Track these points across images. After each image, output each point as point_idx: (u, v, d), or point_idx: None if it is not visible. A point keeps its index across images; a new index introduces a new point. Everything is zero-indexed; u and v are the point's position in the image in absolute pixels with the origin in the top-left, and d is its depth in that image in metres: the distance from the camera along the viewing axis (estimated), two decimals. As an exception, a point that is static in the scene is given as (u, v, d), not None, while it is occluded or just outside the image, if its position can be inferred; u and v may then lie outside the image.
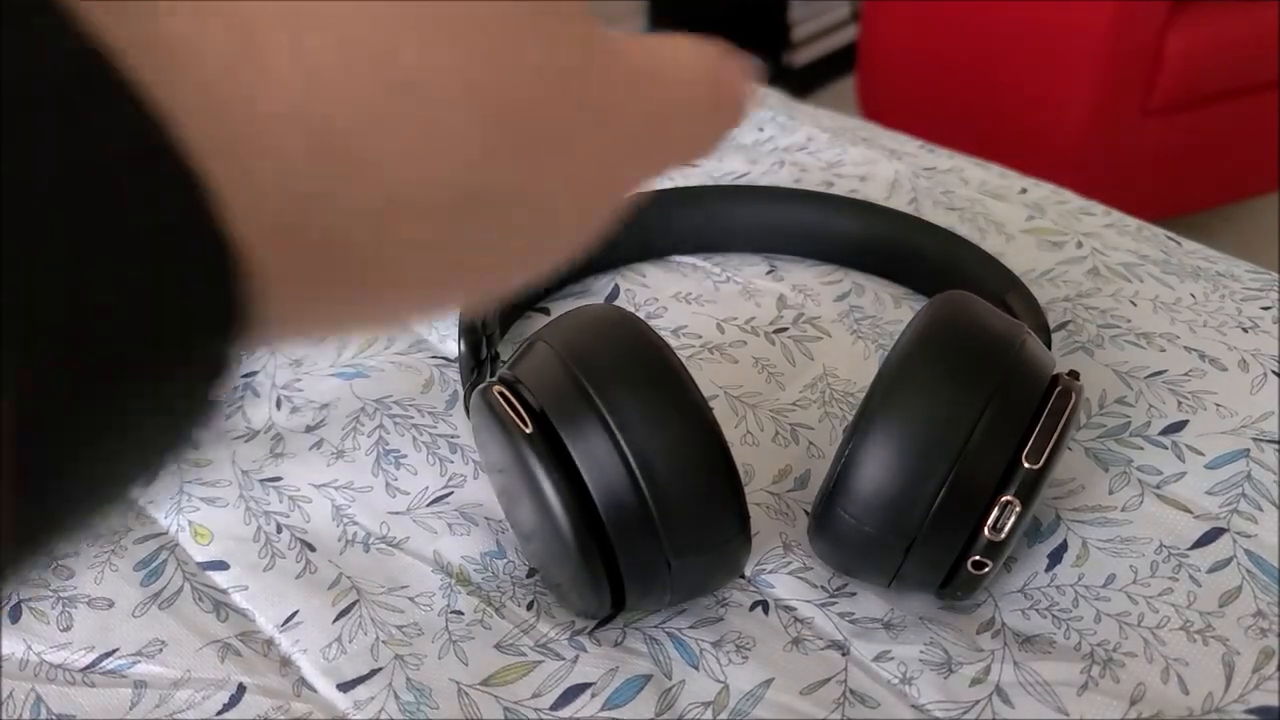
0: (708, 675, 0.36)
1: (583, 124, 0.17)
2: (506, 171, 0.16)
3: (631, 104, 0.18)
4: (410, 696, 0.36)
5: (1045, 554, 0.39)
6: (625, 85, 0.18)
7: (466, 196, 0.15)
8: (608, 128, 0.18)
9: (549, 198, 0.17)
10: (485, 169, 0.16)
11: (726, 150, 0.64)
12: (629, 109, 0.18)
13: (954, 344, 0.35)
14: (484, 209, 0.16)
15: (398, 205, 0.14)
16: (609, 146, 0.18)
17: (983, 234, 0.55)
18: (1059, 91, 1.48)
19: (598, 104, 0.17)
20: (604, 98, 0.17)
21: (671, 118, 0.19)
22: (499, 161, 0.16)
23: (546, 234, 0.18)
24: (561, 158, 0.17)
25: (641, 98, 0.19)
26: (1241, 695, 0.34)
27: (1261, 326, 0.48)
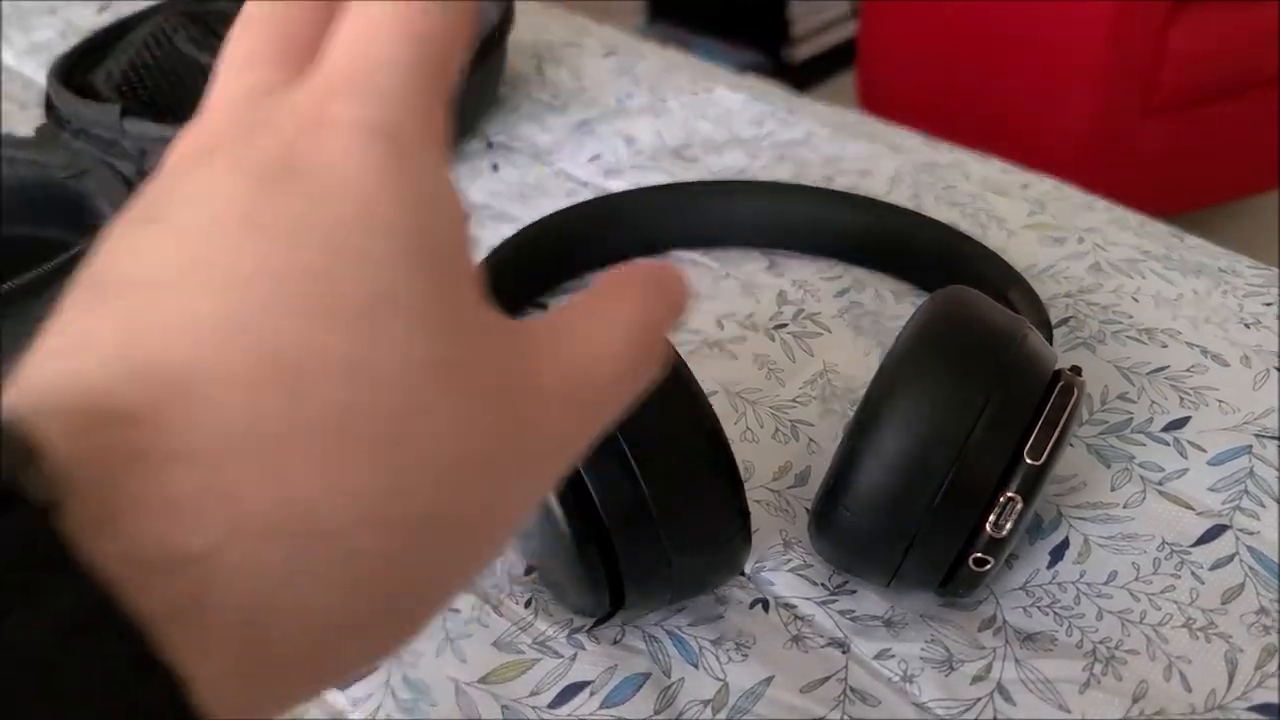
0: (707, 673, 0.36)
1: (483, 427, 0.18)
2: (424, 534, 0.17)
3: (534, 400, 0.19)
4: (408, 694, 0.36)
5: (1047, 551, 0.39)
6: (523, 379, 0.19)
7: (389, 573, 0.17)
8: (511, 425, 0.18)
9: (470, 522, 0.18)
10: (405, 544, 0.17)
11: (726, 145, 0.64)
12: (530, 403, 0.19)
13: (955, 340, 0.35)
14: (408, 566, 0.17)
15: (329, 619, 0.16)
16: (513, 446, 0.18)
17: (984, 229, 0.55)
18: (1060, 89, 1.48)
19: (498, 402, 0.18)
20: (500, 393, 0.18)
21: (581, 400, 0.20)
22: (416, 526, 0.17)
23: (476, 553, 0.19)
24: (469, 472, 0.18)
25: (546, 389, 0.19)
26: (1244, 693, 0.34)
27: (1263, 322, 0.48)
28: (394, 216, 0.17)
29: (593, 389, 0.20)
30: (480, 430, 0.17)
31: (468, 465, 0.17)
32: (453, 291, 0.18)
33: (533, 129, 0.67)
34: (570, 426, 0.19)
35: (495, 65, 0.67)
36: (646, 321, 0.21)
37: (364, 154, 0.17)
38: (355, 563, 0.16)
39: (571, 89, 0.71)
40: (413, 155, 0.18)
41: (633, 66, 0.73)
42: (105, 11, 0.86)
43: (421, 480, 0.17)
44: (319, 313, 0.16)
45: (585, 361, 0.20)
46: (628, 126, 0.66)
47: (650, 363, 0.21)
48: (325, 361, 0.16)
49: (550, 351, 0.19)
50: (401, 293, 0.17)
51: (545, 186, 0.62)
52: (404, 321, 0.17)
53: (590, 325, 0.20)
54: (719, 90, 0.69)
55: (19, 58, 0.82)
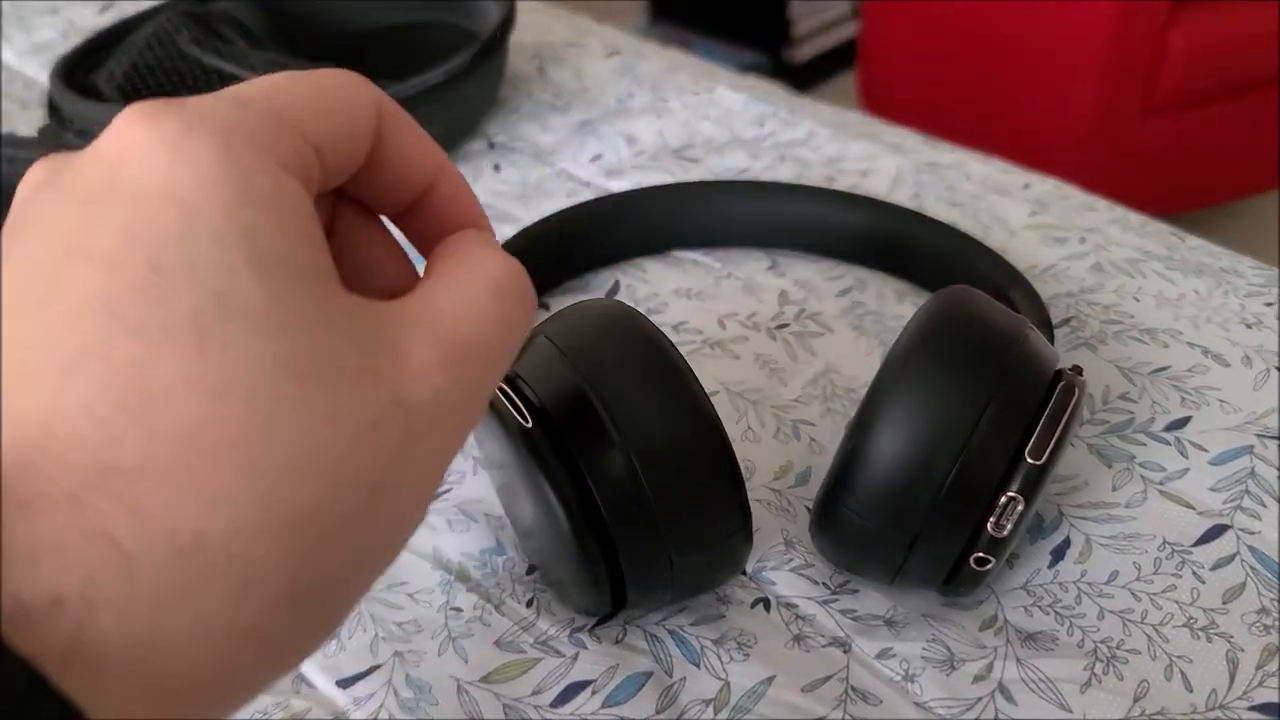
0: (709, 673, 0.36)
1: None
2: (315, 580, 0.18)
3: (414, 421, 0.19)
4: (410, 693, 0.36)
5: (1048, 550, 0.39)
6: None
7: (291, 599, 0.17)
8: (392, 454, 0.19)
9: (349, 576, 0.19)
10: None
11: (727, 145, 0.64)
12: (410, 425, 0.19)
13: (956, 339, 0.35)
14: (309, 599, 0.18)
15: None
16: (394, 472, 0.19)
17: (986, 229, 0.55)
18: (1061, 89, 1.48)
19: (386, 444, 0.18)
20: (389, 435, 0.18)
21: (460, 364, 0.20)
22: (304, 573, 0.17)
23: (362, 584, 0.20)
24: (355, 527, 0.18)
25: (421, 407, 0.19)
26: (1245, 692, 0.34)
27: (1265, 322, 0.48)
28: (219, 222, 0.17)
29: (468, 351, 0.20)
30: (354, 415, 0.18)
31: (348, 452, 0.17)
32: (296, 287, 0.18)
33: (534, 129, 0.67)
34: (453, 393, 0.20)
35: (496, 66, 0.67)
36: (497, 271, 0.22)
37: (183, 162, 0.17)
38: (238, 572, 0.16)
39: (573, 89, 0.71)
40: (238, 156, 0.18)
41: (634, 67, 0.73)
42: (107, 11, 0.86)
43: (297, 477, 0.17)
44: (154, 331, 0.16)
45: (454, 327, 0.20)
46: (629, 127, 0.66)
47: (520, 307, 0.22)
48: (169, 379, 0.16)
49: (417, 325, 0.20)
50: (236, 296, 0.17)
51: (547, 187, 0.62)
52: (243, 325, 0.17)
53: (450, 293, 0.21)
54: (720, 90, 0.69)
55: (20, 57, 0.82)
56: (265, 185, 0.18)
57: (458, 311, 0.21)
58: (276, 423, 0.17)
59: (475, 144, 0.66)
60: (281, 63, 0.63)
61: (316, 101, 0.20)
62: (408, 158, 0.23)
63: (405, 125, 0.22)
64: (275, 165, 0.18)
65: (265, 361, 0.17)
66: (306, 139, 0.20)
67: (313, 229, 0.19)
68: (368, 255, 0.24)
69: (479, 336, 0.20)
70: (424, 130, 0.23)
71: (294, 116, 0.20)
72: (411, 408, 0.19)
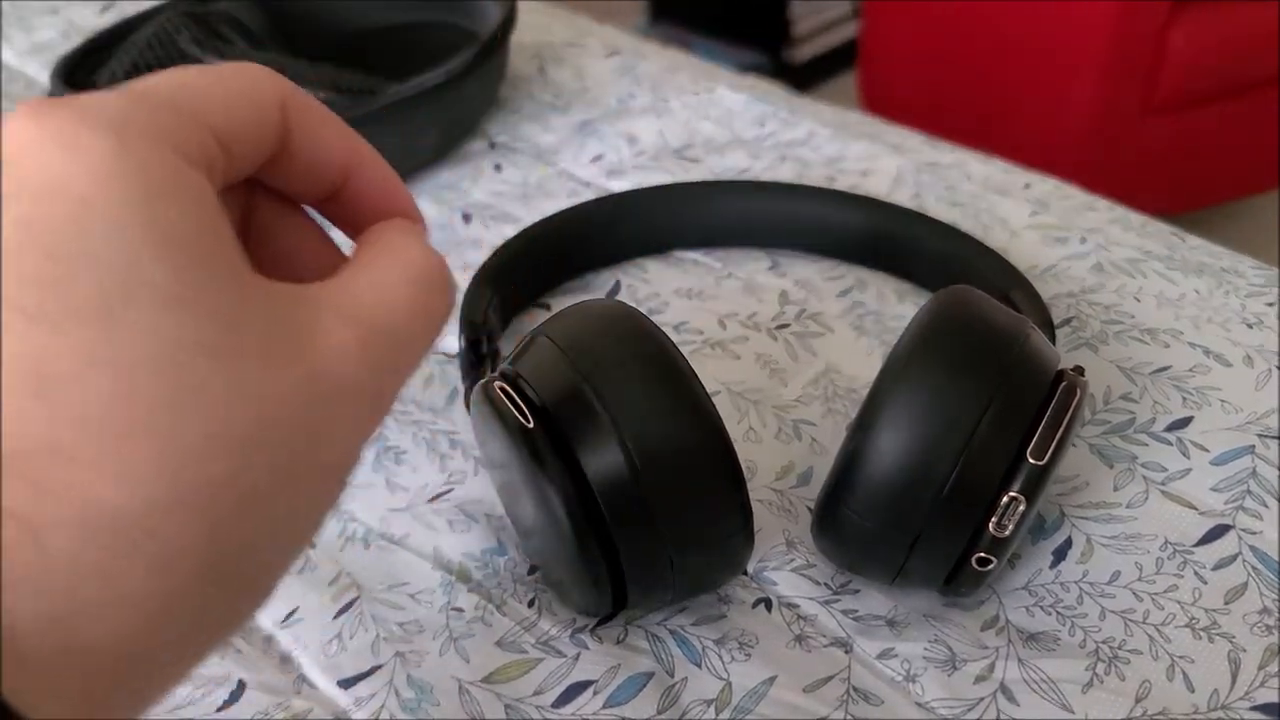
0: (710, 673, 0.36)
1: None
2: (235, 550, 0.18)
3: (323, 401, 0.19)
4: (411, 693, 0.36)
5: (1050, 551, 0.39)
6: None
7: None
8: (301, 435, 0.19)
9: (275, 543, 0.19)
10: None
11: (728, 145, 0.64)
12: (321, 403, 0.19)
13: (957, 340, 0.35)
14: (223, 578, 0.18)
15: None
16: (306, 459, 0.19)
17: (986, 229, 0.55)
18: (1061, 89, 1.48)
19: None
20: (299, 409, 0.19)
21: (374, 347, 0.20)
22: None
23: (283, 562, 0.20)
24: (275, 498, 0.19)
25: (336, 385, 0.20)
26: (1247, 693, 0.34)
27: (1266, 322, 0.48)
28: (118, 213, 0.17)
29: (384, 335, 0.21)
30: (267, 392, 0.18)
31: (260, 427, 0.18)
32: (203, 269, 0.18)
33: (535, 129, 0.67)
34: (368, 374, 0.20)
35: (497, 66, 0.67)
36: (419, 261, 0.22)
37: (76, 157, 0.18)
38: (154, 546, 0.17)
39: (573, 89, 0.71)
40: (133, 148, 0.18)
41: (634, 67, 0.73)
42: (107, 12, 0.86)
43: (210, 452, 0.17)
44: (57, 316, 0.17)
45: (371, 311, 0.21)
46: (630, 127, 0.66)
47: (439, 298, 0.22)
48: (74, 361, 0.16)
49: (333, 308, 0.20)
50: (140, 282, 0.17)
51: (548, 187, 0.62)
52: (149, 309, 0.17)
53: (370, 278, 0.21)
54: (721, 91, 0.69)
55: (20, 58, 0.82)
56: (163, 176, 0.18)
57: (375, 296, 0.21)
58: (188, 399, 0.17)
59: (476, 144, 0.66)
60: (281, 63, 0.63)
61: (218, 93, 0.21)
62: (320, 148, 0.23)
63: (317, 116, 0.23)
64: (173, 156, 0.19)
65: (175, 339, 0.17)
66: (208, 130, 0.20)
67: (216, 217, 0.19)
68: (287, 243, 0.25)
69: (396, 322, 0.21)
70: (341, 120, 0.23)
71: (194, 108, 0.20)
72: (324, 386, 0.19)
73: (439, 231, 0.59)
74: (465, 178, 0.63)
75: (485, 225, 0.59)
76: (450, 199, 0.62)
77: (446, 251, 0.57)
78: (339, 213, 0.25)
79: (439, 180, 0.63)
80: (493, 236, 0.58)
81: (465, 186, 0.63)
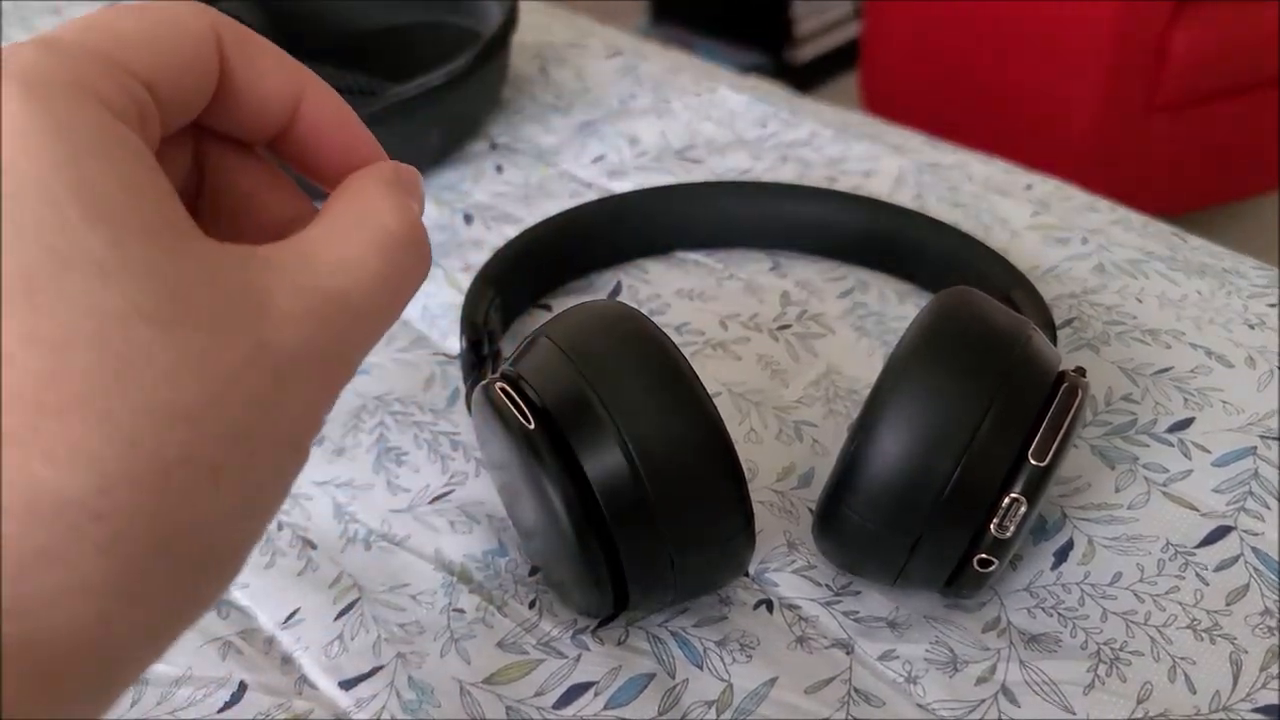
0: (711, 674, 0.36)
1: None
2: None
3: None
4: (412, 694, 0.36)
5: (1051, 552, 0.39)
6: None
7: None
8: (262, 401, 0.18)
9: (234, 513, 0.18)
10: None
11: (729, 146, 0.64)
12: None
13: (959, 340, 0.35)
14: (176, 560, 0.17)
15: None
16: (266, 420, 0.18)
17: (987, 230, 0.55)
18: (1063, 89, 1.48)
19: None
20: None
21: (329, 316, 0.19)
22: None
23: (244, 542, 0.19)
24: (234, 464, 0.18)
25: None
26: (1249, 694, 0.34)
27: (1268, 324, 0.48)
28: (42, 177, 0.16)
29: (341, 302, 0.19)
30: (215, 362, 0.17)
31: (212, 398, 0.17)
32: (140, 234, 0.17)
33: (536, 130, 0.67)
34: (323, 343, 0.19)
35: (499, 67, 0.67)
36: (389, 222, 0.21)
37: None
38: (106, 528, 0.16)
39: (575, 90, 0.71)
40: (53, 106, 0.17)
41: (636, 68, 0.73)
42: (109, 13, 0.86)
43: (159, 426, 0.16)
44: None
45: (328, 276, 0.19)
46: (631, 127, 0.66)
47: (410, 259, 0.21)
48: (8, 340, 0.15)
49: (287, 272, 0.19)
50: (72, 248, 0.16)
51: (549, 187, 0.62)
52: (83, 275, 0.16)
53: (331, 240, 0.20)
54: (722, 91, 0.69)
55: (23, 59, 0.82)
56: (88, 132, 0.17)
57: (335, 260, 0.19)
58: (130, 371, 0.16)
59: (477, 145, 0.66)
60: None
61: (141, 34, 0.19)
62: (263, 80, 0.21)
63: (255, 46, 0.21)
64: (97, 109, 0.17)
65: (112, 310, 0.16)
66: (133, 75, 0.18)
67: (152, 174, 0.18)
68: (245, 192, 0.23)
69: (357, 288, 0.20)
70: (281, 50, 0.22)
71: (115, 53, 0.18)
72: (277, 356, 0.18)
73: (440, 232, 0.59)
74: (466, 178, 0.63)
75: (487, 226, 0.59)
76: (451, 200, 0.62)
77: (448, 253, 0.57)
78: (293, 152, 0.23)
79: (440, 181, 0.63)
80: (494, 237, 0.58)
81: (466, 187, 0.63)
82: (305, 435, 0.20)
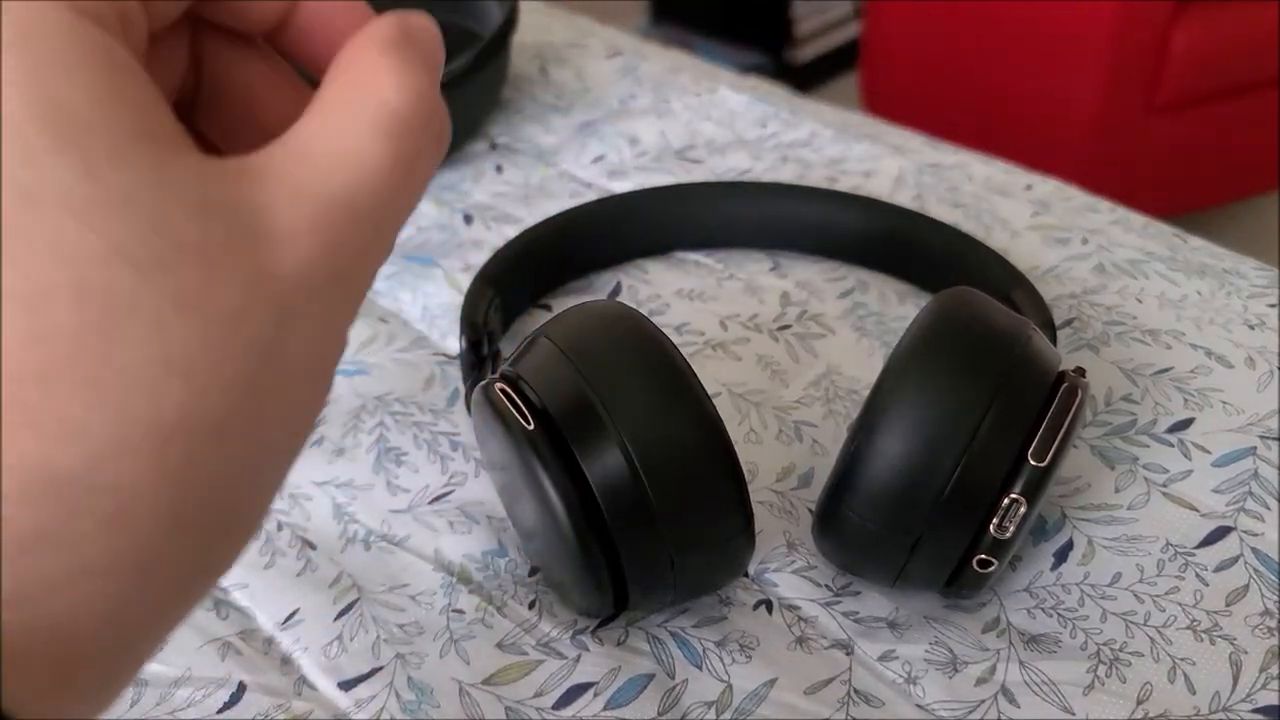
0: (711, 675, 0.36)
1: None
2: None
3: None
4: (411, 695, 0.36)
5: (1051, 552, 0.39)
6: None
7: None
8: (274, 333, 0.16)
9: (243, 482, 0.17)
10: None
11: (729, 146, 0.64)
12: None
13: (959, 341, 0.35)
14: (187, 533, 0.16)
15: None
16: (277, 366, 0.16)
17: (988, 230, 0.55)
18: (1063, 89, 1.48)
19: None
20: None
21: (335, 225, 0.17)
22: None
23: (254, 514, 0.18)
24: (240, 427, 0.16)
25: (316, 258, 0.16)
26: (1249, 695, 0.34)
27: (1268, 324, 0.48)
28: (5, 97, 0.14)
29: (346, 206, 0.17)
30: (211, 301, 0.15)
31: (210, 346, 0.15)
32: (117, 158, 0.15)
33: (536, 130, 0.67)
34: (331, 259, 0.17)
35: (499, 67, 0.67)
36: (391, 96, 0.17)
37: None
38: (106, 502, 0.14)
39: (575, 90, 0.71)
40: (15, 12, 0.15)
41: (636, 68, 0.73)
42: (109, 13, 0.86)
43: (153, 385, 0.14)
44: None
45: (328, 176, 0.17)
46: (631, 128, 0.66)
47: (420, 139, 0.18)
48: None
49: (282, 180, 0.16)
50: (42, 185, 0.14)
51: (549, 188, 0.62)
52: (56, 215, 0.14)
53: (327, 129, 0.17)
54: (722, 91, 0.69)
55: (23, 59, 0.82)
56: (54, 41, 0.15)
57: (334, 155, 0.17)
58: (116, 324, 0.14)
59: (477, 145, 0.66)
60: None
61: None
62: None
63: None
64: (67, 11, 0.15)
65: (90, 251, 0.14)
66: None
67: (131, 82, 0.15)
68: (246, 88, 0.21)
69: (362, 185, 0.17)
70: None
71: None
72: (279, 284, 0.16)
73: (440, 232, 0.59)
74: (466, 179, 0.63)
75: (486, 226, 0.59)
76: (451, 200, 0.62)
77: (448, 253, 0.57)
78: (296, 42, 0.20)
79: (440, 181, 0.63)
80: (494, 238, 0.58)
81: (466, 187, 0.63)
82: (322, 365, 0.18)
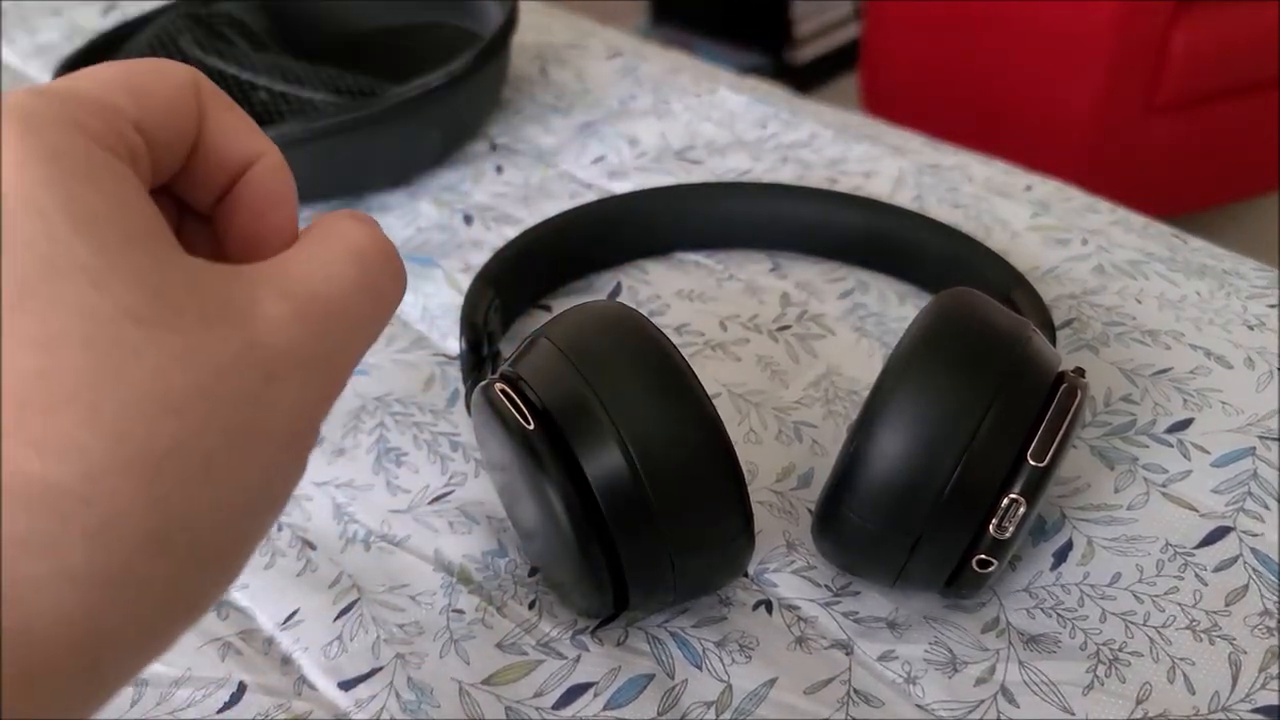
0: (711, 675, 0.36)
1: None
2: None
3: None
4: (411, 695, 0.36)
5: (1050, 553, 0.39)
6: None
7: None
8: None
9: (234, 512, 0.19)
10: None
11: (729, 147, 0.64)
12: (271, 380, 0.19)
13: (958, 341, 0.35)
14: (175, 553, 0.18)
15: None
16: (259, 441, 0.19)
17: (987, 231, 0.55)
18: (1063, 90, 1.48)
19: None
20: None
21: (312, 316, 0.20)
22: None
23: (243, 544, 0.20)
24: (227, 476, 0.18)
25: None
26: (1248, 695, 0.34)
27: (1267, 324, 0.48)
28: (32, 195, 0.17)
29: (324, 306, 0.20)
30: (204, 357, 0.18)
31: (201, 392, 0.18)
32: (128, 243, 0.18)
33: (536, 131, 0.67)
34: (311, 344, 0.20)
35: (499, 67, 0.67)
36: (363, 241, 0.22)
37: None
38: (95, 515, 0.16)
39: (575, 91, 0.71)
40: (44, 136, 0.18)
41: (636, 68, 0.73)
42: (110, 13, 0.86)
43: (150, 418, 0.17)
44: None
45: (309, 285, 0.20)
46: (631, 128, 0.66)
47: (384, 274, 0.22)
48: (4, 339, 0.16)
49: (270, 282, 0.20)
50: (63, 257, 0.17)
51: (549, 188, 0.62)
52: (73, 280, 0.17)
53: (309, 256, 0.21)
54: (722, 92, 0.69)
55: (23, 59, 0.82)
56: (78, 160, 0.18)
57: (314, 271, 0.21)
58: (121, 367, 0.17)
59: (477, 146, 0.66)
60: (283, 65, 0.63)
61: (128, 80, 0.20)
62: (229, 134, 0.22)
63: (227, 103, 0.23)
64: (86, 140, 0.18)
65: (102, 310, 0.17)
66: (122, 116, 0.20)
67: (139, 197, 0.19)
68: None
69: (337, 294, 0.21)
70: (244, 113, 0.23)
71: (103, 96, 0.20)
72: (265, 353, 0.19)
73: (440, 233, 0.59)
74: (466, 179, 0.63)
75: (486, 227, 0.59)
76: (451, 200, 0.62)
77: (448, 253, 0.57)
78: (229, 212, 0.24)
79: (440, 182, 0.63)
80: (494, 238, 0.58)
81: (466, 188, 0.63)
82: (300, 440, 0.20)
